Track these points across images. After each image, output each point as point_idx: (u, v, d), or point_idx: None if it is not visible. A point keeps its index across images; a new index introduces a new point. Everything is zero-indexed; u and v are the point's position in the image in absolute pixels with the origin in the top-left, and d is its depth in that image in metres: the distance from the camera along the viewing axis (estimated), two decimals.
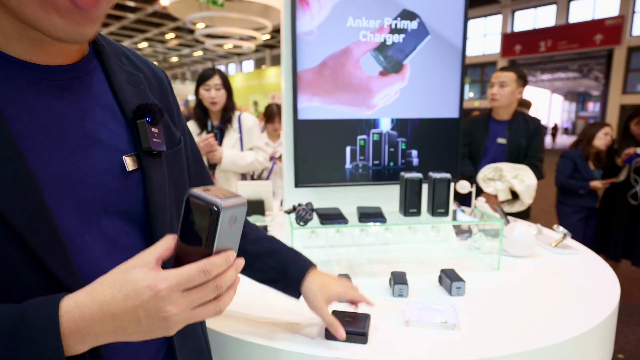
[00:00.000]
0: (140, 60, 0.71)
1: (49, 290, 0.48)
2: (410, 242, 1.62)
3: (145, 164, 0.60)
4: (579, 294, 1.20)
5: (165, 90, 0.73)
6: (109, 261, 0.55)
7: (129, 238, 0.59)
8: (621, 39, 15.55)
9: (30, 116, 0.50)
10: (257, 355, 0.94)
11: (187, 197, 0.48)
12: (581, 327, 0.99)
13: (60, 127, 0.52)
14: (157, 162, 0.62)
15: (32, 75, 0.51)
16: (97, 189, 0.55)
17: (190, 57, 29.77)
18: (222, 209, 0.45)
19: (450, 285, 1.18)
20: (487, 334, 0.97)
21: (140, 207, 0.60)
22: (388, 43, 1.46)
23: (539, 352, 0.92)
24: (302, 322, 1.03)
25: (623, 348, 2.71)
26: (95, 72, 0.59)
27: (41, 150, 0.50)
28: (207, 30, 11.99)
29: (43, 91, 0.52)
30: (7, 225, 0.45)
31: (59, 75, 0.54)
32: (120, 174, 0.57)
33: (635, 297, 3.46)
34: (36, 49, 0.51)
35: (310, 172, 1.51)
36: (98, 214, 0.55)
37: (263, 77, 21.39)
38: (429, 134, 1.57)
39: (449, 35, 1.50)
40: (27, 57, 0.51)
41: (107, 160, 0.56)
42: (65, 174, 0.52)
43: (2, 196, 0.45)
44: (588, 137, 3.21)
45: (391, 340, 0.95)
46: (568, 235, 1.61)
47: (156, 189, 0.61)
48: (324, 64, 1.44)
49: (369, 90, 1.48)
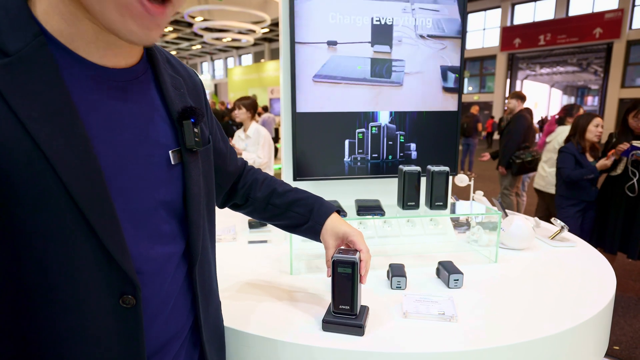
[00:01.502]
0: (179, 64, 0.78)
1: (99, 263, 0.56)
2: (408, 235, 1.63)
3: (185, 159, 0.68)
4: (575, 286, 1.21)
5: (199, 92, 0.80)
6: (151, 245, 0.64)
7: (168, 226, 0.67)
8: (620, 32, 15.51)
9: (95, 112, 0.57)
10: (256, 346, 0.95)
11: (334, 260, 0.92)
12: (577, 319, 1.00)
13: (119, 123, 0.60)
14: (195, 159, 0.70)
15: (99, 75, 0.58)
16: (146, 180, 0.62)
17: (189, 50, 29.60)
18: (356, 262, 0.91)
19: (448, 278, 1.19)
20: (485, 326, 0.98)
21: (179, 198, 0.68)
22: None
23: (536, 344, 0.93)
24: (300, 315, 1.03)
25: (619, 340, 2.73)
26: (147, 75, 0.67)
27: (104, 143, 0.57)
28: (206, 24, 11.93)
29: (106, 91, 0.59)
30: (74, 204, 0.53)
31: (121, 76, 0.61)
32: (166, 167, 0.65)
33: (632, 289, 3.48)
34: (107, 52, 0.58)
35: (309, 166, 1.52)
36: (145, 202, 0.62)
37: (262, 70, 21.31)
38: (427, 127, 1.57)
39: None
40: (98, 59, 0.58)
41: (157, 154, 0.64)
42: (122, 164, 0.59)
43: (74, 179, 0.52)
44: (580, 131, 3.24)
45: (389, 331, 0.95)
46: (565, 228, 1.62)
47: (194, 182, 0.69)
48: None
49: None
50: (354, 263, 0.90)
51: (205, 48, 28.49)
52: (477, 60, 20.80)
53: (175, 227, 0.68)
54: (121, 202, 0.58)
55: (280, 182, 1.05)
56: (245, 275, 1.29)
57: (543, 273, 1.32)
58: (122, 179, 0.59)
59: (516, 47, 18.53)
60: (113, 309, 0.58)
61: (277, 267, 1.35)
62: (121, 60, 0.61)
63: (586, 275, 1.30)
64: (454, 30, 1.51)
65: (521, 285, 1.22)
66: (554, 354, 0.96)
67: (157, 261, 0.64)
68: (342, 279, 0.92)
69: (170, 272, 0.67)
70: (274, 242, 1.61)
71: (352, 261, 0.90)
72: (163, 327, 0.68)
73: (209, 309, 0.80)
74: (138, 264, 0.60)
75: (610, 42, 15.95)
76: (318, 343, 0.90)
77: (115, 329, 0.59)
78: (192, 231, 0.70)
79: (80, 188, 0.53)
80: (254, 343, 0.95)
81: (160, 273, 0.65)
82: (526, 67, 21.52)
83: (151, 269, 0.63)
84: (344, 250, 0.94)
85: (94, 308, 0.57)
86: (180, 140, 0.68)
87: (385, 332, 0.95)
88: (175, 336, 0.71)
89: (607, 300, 1.11)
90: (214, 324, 0.84)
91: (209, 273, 0.80)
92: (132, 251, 0.59)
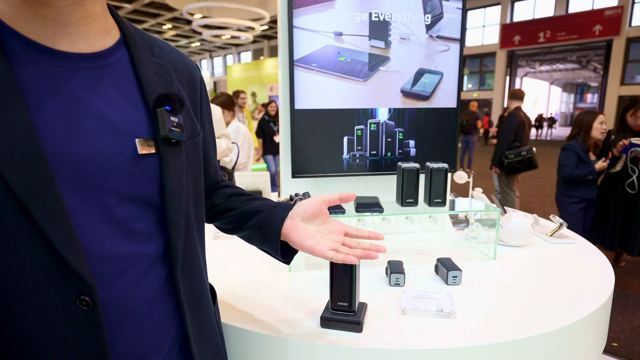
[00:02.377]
0: (174, 53, 0.74)
1: (48, 262, 0.51)
2: (407, 232, 1.63)
3: (162, 150, 0.62)
4: (573, 283, 1.21)
5: (195, 84, 0.75)
6: (116, 244, 0.58)
7: (142, 223, 0.61)
8: (620, 29, 15.49)
9: (51, 99, 0.53)
10: (254, 343, 0.95)
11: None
12: (575, 316, 1.00)
13: (77, 110, 0.55)
14: (176, 151, 0.64)
15: (55, 60, 0.55)
16: (107, 171, 0.56)
17: (188, 48, 29.54)
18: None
19: (447, 274, 1.19)
20: (483, 322, 0.98)
21: (156, 193, 0.62)
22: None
23: (534, 340, 0.93)
24: (298, 311, 1.03)
25: (617, 336, 2.74)
26: (120, 61, 0.62)
27: (56, 130, 0.53)
28: (205, 21, 11.90)
29: (64, 75, 0.55)
30: (12, 194, 0.48)
31: (82, 62, 0.57)
32: (132, 158, 0.59)
33: (631, 286, 3.49)
34: (57, 32, 0.55)
35: (308, 163, 1.51)
36: (107, 196, 0.57)
37: (261, 68, 21.26)
38: (426, 124, 1.57)
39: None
40: (52, 43, 0.55)
41: (120, 143, 0.58)
42: (77, 153, 0.54)
43: (10, 167, 0.48)
44: (585, 128, 3.20)
45: (387, 328, 0.95)
46: (564, 225, 1.62)
47: (173, 176, 0.63)
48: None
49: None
50: None
51: (204, 45, 28.43)
52: (476, 58, 20.78)
53: (151, 225, 0.63)
54: (78, 197, 0.54)
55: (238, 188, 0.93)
56: (244, 272, 1.29)
57: (541, 270, 1.32)
58: (77, 171, 0.54)
59: (516, 45, 18.50)
60: (70, 311, 0.53)
61: (276, 264, 1.35)
62: (82, 45, 0.57)
63: (585, 272, 1.30)
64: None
65: (520, 282, 1.22)
66: (553, 351, 0.96)
67: (122, 262, 0.59)
68: (340, 275, 0.92)
69: (138, 274, 0.61)
70: None
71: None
72: (136, 338, 0.61)
73: (201, 320, 0.73)
74: (97, 264, 0.56)
75: (609, 39, 15.93)
76: (316, 340, 0.90)
77: (74, 334, 0.54)
78: (172, 231, 0.64)
79: (22, 182, 0.48)
80: (253, 340, 0.95)
81: (125, 275, 0.59)
82: (526, 65, 21.51)
83: (114, 271, 0.58)
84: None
85: (49, 310, 0.53)
86: (157, 130, 0.62)
87: (383, 329, 0.95)
88: (153, 349, 0.64)
89: (605, 297, 1.11)
90: (209, 337, 0.76)
91: (200, 279, 0.73)
92: (91, 250, 0.55)
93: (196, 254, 0.72)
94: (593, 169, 3.14)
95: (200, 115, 0.76)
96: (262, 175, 2.11)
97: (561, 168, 3.26)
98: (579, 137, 3.23)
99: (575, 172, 3.17)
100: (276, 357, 0.94)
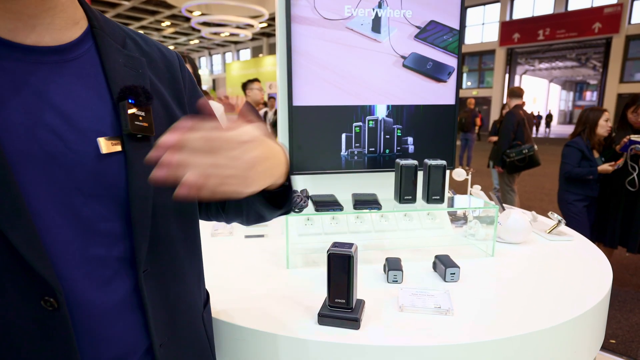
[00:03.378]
0: (150, 45, 0.70)
1: (10, 263, 0.50)
2: (405, 229, 1.62)
3: (128, 147, 0.58)
4: (571, 280, 1.21)
5: (176, 75, 0.71)
6: (80, 244, 0.55)
7: (108, 223, 0.58)
8: (620, 27, 15.48)
9: (12, 95, 0.51)
10: (251, 340, 0.95)
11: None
12: (573, 312, 1.00)
13: (38, 106, 0.53)
14: (143, 147, 0.60)
15: (17, 54, 0.52)
16: (69, 170, 0.54)
17: (187, 45, 29.48)
18: (352, 255, 0.91)
19: (445, 271, 1.19)
20: (481, 319, 0.98)
21: (124, 192, 0.59)
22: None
23: (532, 337, 0.93)
24: (295, 308, 1.03)
25: (615, 333, 2.75)
26: (87, 54, 0.59)
27: (15, 127, 0.51)
28: (204, 18, 11.87)
29: (26, 70, 0.53)
30: None
31: (46, 56, 0.55)
32: (95, 157, 0.56)
33: (629, 283, 3.49)
34: (19, 25, 0.52)
35: (306, 159, 1.51)
36: (70, 195, 0.54)
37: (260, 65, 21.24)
38: (425, 121, 1.56)
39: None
40: (13, 36, 0.52)
41: (83, 141, 0.55)
42: (38, 152, 0.52)
43: None
44: (591, 125, 3.17)
45: (384, 325, 0.95)
46: (562, 222, 1.62)
47: (139, 174, 0.59)
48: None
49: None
50: (350, 257, 0.90)
51: (203, 43, 28.37)
52: (475, 55, 20.76)
53: (118, 226, 0.59)
54: (41, 197, 0.52)
55: None
56: (242, 270, 1.29)
57: (539, 267, 1.31)
58: (39, 169, 0.52)
59: (515, 42, 18.49)
60: (35, 311, 0.52)
61: (274, 261, 1.35)
62: (45, 37, 0.55)
63: (583, 269, 1.29)
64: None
65: (517, 279, 1.22)
66: (550, 347, 0.96)
67: (87, 264, 0.56)
68: (338, 272, 0.92)
69: (103, 278, 0.57)
70: (270, 236, 1.60)
71: (348, 255, 0.90)
72: (106, 344, 0.59)
73: (176, 325, 0.68)
74: (62, 266, 0.53)
75: (609, 37, 15.92)
76: (314, 337, 0.90)
77: (41, 334, 0.53)
78: (137, 232, 0.59)
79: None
80: (250, 337, 0.95)
81: (90, 277, 0.56)
82: (525, 62, 21.51)
83: (79, 273, 0.55)
84: (339, 244, 0.93)
85: (14, 310, 0.51)
86: (124, 125, 0.58)
87: (381, 326, 0.95)
88: (124, 357, 0.61)
89: (603, 294, 1.11)
90: (188, 341, 0.72)
91: (180, 284, 0.69)
92: (55, 251, 0.53)
93: (175, 258, 0.68)
94: (595, 169, 3.10)
95: (187, 107, 0.72)
96: None
97: (563, 164, 3.23)
98: (584, 134, 3.20)
99: (576, 171, 3.15)
100: (272, 354, 0.93)
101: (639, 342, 2.65)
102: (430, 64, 1.51)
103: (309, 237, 1.55)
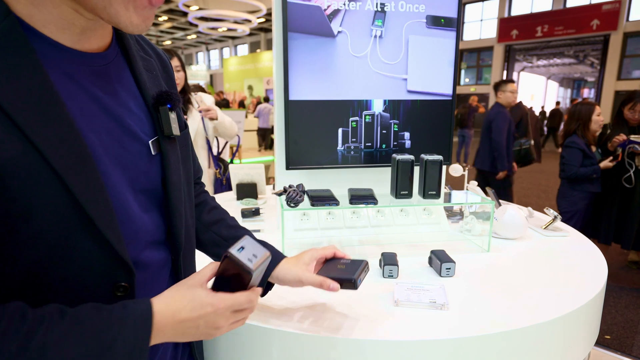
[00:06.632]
0: (147, 43, 0.74)
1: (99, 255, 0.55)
2: (401, 224, 1.62)
3: (164, 147, 0.66)
4: (566, 275, 1.21)
5: (170, 73, 0.77)
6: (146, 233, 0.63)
7: (149, 214, 0.65)
8: (617, 24, 15.48)
9: (74, 99, 0.55)
10: (244, 334, 0.95)
11: (225, 255, 0.61)
12: (568, 308, 1.00)
13: (98, 111, 0.57)
14: (173, 146, 0.68)
15: (74, 60, 0.56)
16: (125, 169, 0.60)
17: (184, 40, 29.33)
18: (252, 272, 0.61)
19: (440, 266, 1.19)
20: (476, 314, 0.98)
21: (159, 186, 0.67)
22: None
23: (527, 332, 0.93)
24: (290, 303, 1.03)
25: (610, 329, 2.76)
26: (117, 57, 0.63)
27: (86, 132, 0.55)
28: (201, 13, 11.81)
29: (83, 76, 0.56)
30: (69, 193, 0.51)
31: (97, 61, 0.58)
32: (146, 157, 0.63)
33: (624, 279, 3.51)
34: (81, 37, 0.56)
35: (302, 154, 1.50)
36: (124, 192, 0.60)
37: (258, 61, 21.18)
38: (422, 116, 1.56)
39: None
40: (71, 43, 0.55)
41: (136, 144, 0.62)
42: (104, 154, 0.57)
43: (68, 172, 0.50)
44: (584, 120, 3.15)
45: (380, 320, 0.95)
46: (558, 217, 1.62)
47: (173, 170, 0.67)
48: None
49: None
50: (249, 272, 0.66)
51: (201, 38, 28.24)
52: (474, 52, 20.73)
53: (155, 215, 0.67)
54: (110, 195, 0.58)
55: (230, 216, 0.95)
56: None
57: (535, 262, 1.32)
58: (104, 169, 0.56)
59: (513, 39, 18.46)
60: (107, 299, 0.56)
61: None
62: (94, 44, 0.58)
63: (578, 265, 1.30)
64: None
65: (513, 274, 1.22)
66: (545, 342, 0.96)
67: (147, 251, 0.65)
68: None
69: (155, 261, 0.66)
70: (266, 231, 1.60)
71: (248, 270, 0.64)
72: None
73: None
74: (132, 251, 0.60)
75: (607, 34, 15.91)
76: (308, 331, 0.90)
77: None
78: (175, 218, 0.68)
79: (77, 180, 0.51)
80: (243, 330, 0.95)
81: (145, 263, 0.64)
82: (523, 59, 21.49)
83: (142, 259, 0.63)
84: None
85: (88, 295, 0.56)
86: (158, 128, 0.65)
87: (376, 320, 0.95)
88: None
89: (598, 289, 1.12)
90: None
91: (194, 266, 0.79)
92: (131, 238, 0.60)
93: (193, 239, 0.77)
94: (598, 167, 3.09)
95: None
96: (256, 168, 2.10)
97: (566, 166, 3.16)
98: (579, 131, 3.16)
99: (582, 171, 3.10)
100: (266, 348, 0.93)
101: (633, 338, 2.66)
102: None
103: (305, 232, 1.55)
